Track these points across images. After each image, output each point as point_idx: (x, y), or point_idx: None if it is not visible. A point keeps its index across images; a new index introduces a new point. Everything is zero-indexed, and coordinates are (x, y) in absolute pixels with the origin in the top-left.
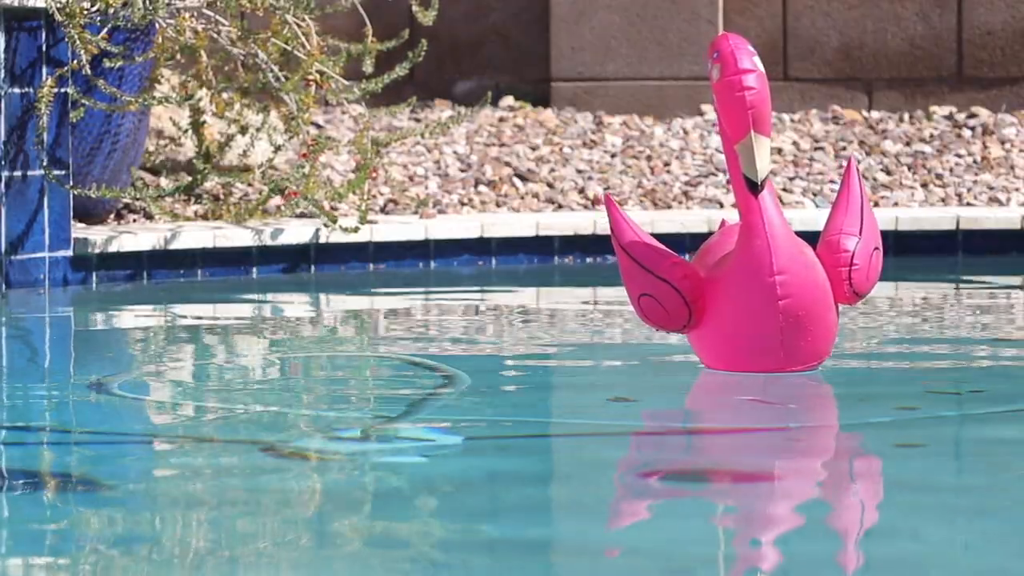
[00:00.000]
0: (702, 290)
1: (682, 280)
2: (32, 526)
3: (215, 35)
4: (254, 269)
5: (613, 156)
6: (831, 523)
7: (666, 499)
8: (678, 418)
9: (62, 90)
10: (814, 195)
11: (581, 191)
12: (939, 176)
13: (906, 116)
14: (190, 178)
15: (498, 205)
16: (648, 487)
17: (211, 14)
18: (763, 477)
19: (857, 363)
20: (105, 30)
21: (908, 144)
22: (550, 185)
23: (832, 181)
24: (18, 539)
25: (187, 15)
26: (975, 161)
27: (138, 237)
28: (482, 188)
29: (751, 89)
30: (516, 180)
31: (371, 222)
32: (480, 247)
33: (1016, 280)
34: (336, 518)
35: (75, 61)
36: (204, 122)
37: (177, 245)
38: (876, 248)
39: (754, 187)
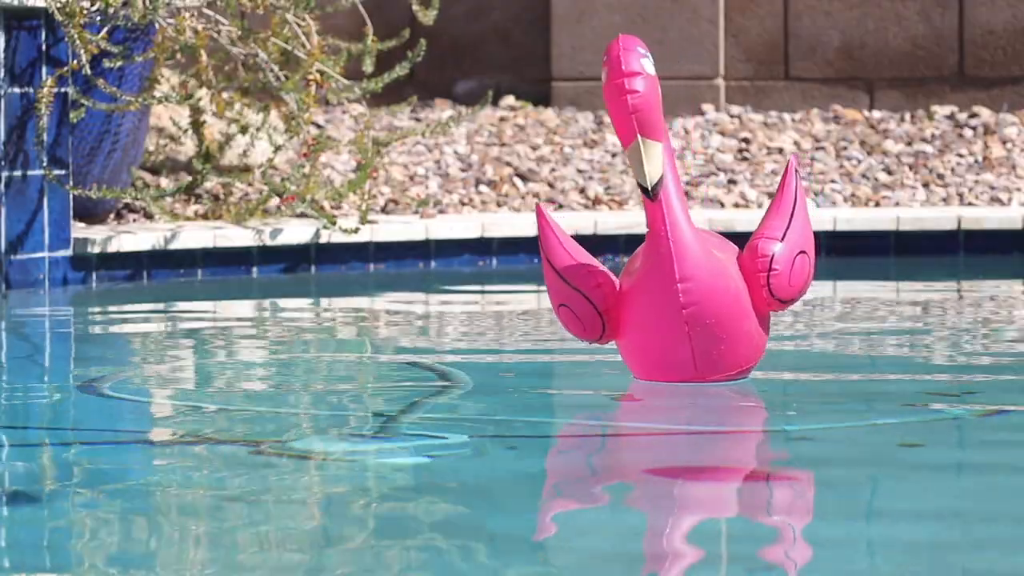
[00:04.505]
0: (616, 300)
1: (594, 289)
2: (30, 526)
3: (215, 35)
4: (254, 269)
5: (614, 156)
6: (833, 524)
7: (670, 498)
8: (680, 418)
9: (62, 90)
10: (815, 195)
11: (582, 191)
12: (940, 176)
13: (907, 116)
14: (190, 178)
15: (499, 205)
16: (652, 486)
17: (211, 13)
18: (767, 477)
19: (859, 363)
20: (105, 30)
21: (909, 144)
22: (551, 185)
23: (833, 181)
24: (17, 539)
25: (187, 14)
26: (976, 161)
27: (138, 237)
28: (483, 188)
29: (635, 92)
30: (517, 180)
31: (371, 222)
32: (481, 247)
33: (1018, 280)
34: (337, 518)
35: (75, 61)
36: (204, 122)
37: (177, 245)
38: (802, 252)
39: (646, 192)
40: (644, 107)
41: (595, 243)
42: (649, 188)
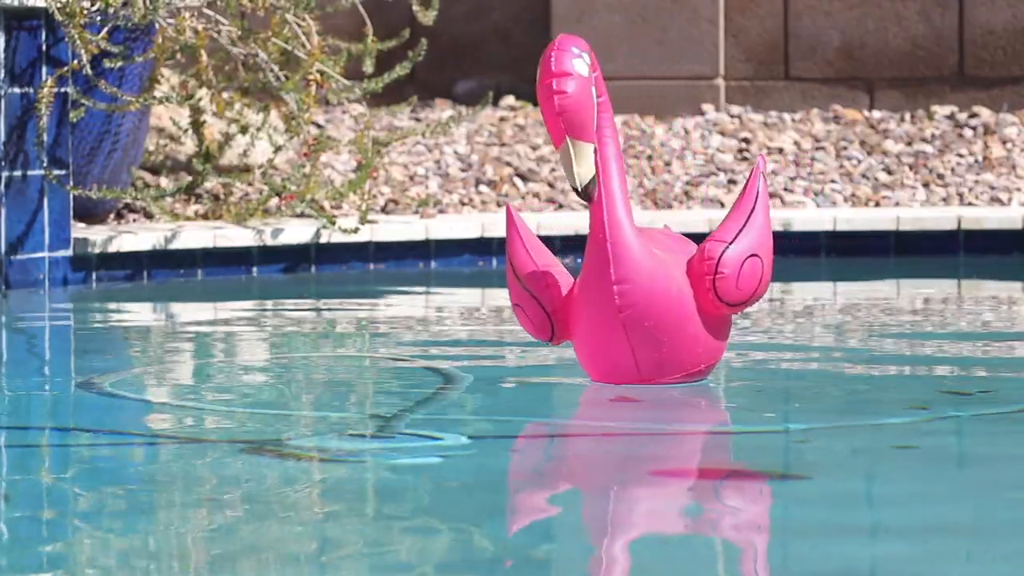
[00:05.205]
0: (565, 301)
1: (543, 290)
2: (30, 526)
3: (215, 35)
4: (254, 269)
5: None
6: (835, 524)
7: (669, 497)
8: (679, 417)
9: (62, 90)
10: (815, 195)
11: None
12: (940, 176)
13: (907, 116)
14: (190, 178)
15: (499, 205)
16: (652, 486)
17: (211, 14)
18: (767, 478)
19: (860, 364)
20: (105, 30)
21: (909, 144)
22: (551, 185)
23: (833, 181)
24: (17, 538)
25: (187, 15)
26: (976, 161)
27: (138, 237)
28: (483, 188)
29: (562, 93)
30: (517, 180)
31: (371, 222)
32: (481, 247)
33: (1018, 280)
34: (338, 518)
35: (75, 61)
36: (204, 122)
37: (177, 245)
38: (753, 255)
39: (579, 194)
40: (573, 108)
41: None
42: (579, 189)
